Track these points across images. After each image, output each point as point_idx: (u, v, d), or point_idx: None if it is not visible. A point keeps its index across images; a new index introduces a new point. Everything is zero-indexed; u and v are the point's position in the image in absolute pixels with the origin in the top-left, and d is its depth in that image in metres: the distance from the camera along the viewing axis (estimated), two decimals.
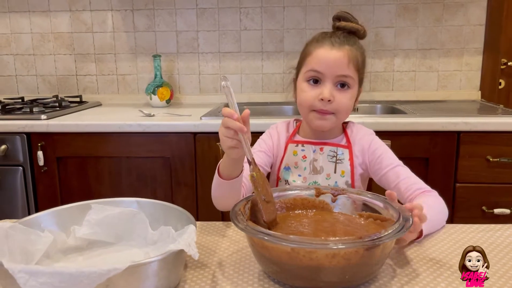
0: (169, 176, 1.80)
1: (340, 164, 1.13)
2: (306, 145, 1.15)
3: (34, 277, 0.61)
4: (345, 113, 1.11)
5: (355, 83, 1.09)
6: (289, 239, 0.68)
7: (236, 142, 0.84)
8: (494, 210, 1.68)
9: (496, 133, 1.66)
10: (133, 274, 0.65)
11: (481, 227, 0.97)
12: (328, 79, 1.06)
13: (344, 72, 1.06)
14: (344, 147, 1.14)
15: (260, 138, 1.22)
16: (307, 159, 1.14)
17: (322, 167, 1.13)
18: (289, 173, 1.16)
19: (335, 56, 1.05)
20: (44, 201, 1.82)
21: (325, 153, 1.14)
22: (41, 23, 2.33)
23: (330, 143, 1.15)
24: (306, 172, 1.14)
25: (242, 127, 0.82)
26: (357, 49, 1.09)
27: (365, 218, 0.86)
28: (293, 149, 1.16)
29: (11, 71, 2.39)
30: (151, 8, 2.27)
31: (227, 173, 0.94)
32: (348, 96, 1.08)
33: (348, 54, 1.06)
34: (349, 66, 1.06)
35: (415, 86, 2.28)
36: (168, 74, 2.33)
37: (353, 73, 1.07)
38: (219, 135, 0.87)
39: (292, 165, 1.15)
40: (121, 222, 0.88)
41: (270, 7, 2.24)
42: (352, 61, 1.06)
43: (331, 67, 1.06)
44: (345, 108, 1.09)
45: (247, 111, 0.84)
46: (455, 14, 2.19)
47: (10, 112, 1.92)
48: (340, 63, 1.05)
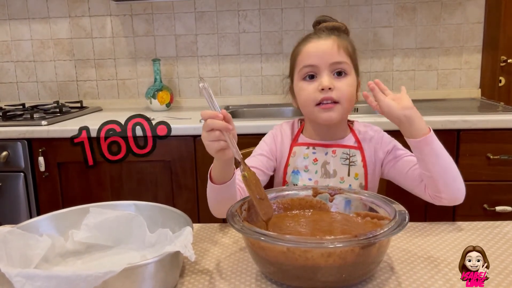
0: (169, 179, 1.80)
1: (353, 166, 1.10)
2: (318, 148, 1.12)
3: (30, 281, 0.61)
4: (349, 102, 1.07)
5: (351, 69, 1.07)
6: (285, 238, 0.68)
7: (223, 143, 0.83)
8: (495, 208, 1.68)
9: (496, 131, 1.66)
10: (130, 277, 0.65)
11: (479, 224, 0.97)
12: (323, 70, 1.05)
13: (337, 59, 1.04)
14: (355, 148, 1.11)
15: (262, 140, 1.19)
16: (318, 162, 1.11)
17: (335, 171, 1.10)
18: (298, 177, 1.11)
19: (324, 45, 1.05)
20: (45, 206, 1.83)
21: (337, 155, 1.10)
22: (41, 30, 2.34)
23: (340, 145, 1.11)
24: (317, 175, 1.11)
25: (227, 126, 0.81)
26: (345, 38, 1.09)
27: (362, 217, 0.86)
28: (304, 151, 1.12)
29: (12, 78, 2.40)
30: (149, 12, 2.28)
31: (219, 177, 0.92)
32: (348, 82, 1.06)
33: (337, 41, 1.06)
34: (339, 53, 1.05)
35: (415, 85, 2.28)
36: (168, 78, 2.34)
37: (346, 59, 1.06)
38: (203, 141, 0.85)
39: (302, 169, 1.11)
40: (119, 225, 0.88)
41: (268, 9, 2.25)
42: (342, 47, 1.05)
43: (322, 56, 1.04)
44: (348, 95, 1.05)
45: (224, 111, 0.83)
46: (454, 12, 2.18)
47: (11, 119, 1.93)
48: (330, 51, 1.04)
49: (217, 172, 0.92)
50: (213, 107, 0.82)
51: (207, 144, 0.84)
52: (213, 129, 0.82)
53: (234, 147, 0.83)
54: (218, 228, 1.00)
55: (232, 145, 0.83)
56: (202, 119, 0.83)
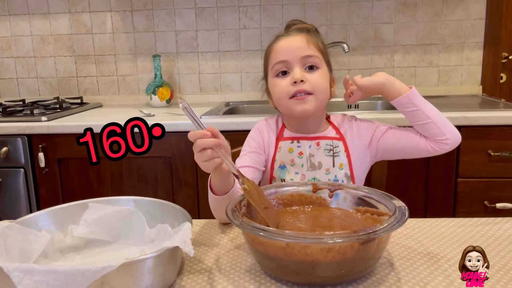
0: (170, 176, 1.80)
1: (337, 157, 1.11)
2: (302, 141, 1.13)
3: (28, 275, 0.61)
4: (324, 93, 1.09)
5: (322, 63, 1.09)
6: (284, 234, 0.68)
7: (217, 160, 0.82)
8: (496, 204, 1.67)
9: (497, 127, 1.65)
10: (128, 272, 0.65)
11: (480, 221, 0.97)
12: (294, 64, 1.07)
13: (307, 53, 1.07)
14: (337, 140, 1.13)
15: (249, 137, 1.18)
16: (303, 155, 1.12)
17: (320, 163, 1.11)
18: (285, 171, 1.12)
19: (293, 41, 1.09)
20: (46, 202, 1.83)
21: (321, 147, 1.12)
22: (41, 26, 2.34)
23: (323, 137, 1.13)
24: (303, 169, 1.12)
25: (217, 142, 0.81)
26: (315, 36, 1.12)
27: (362, 213, 0.86)
28: (288, 146, 1.13)
29: (12, 74, 2.40)
30: (150, 8, 2.28)
31: (220, 188, 0.91)
32: (319, 74, 1.08)
33: (306, 37, 1.09)
34: (310, 47, 1.07)
35: (416, 82, 2.27)
36: (168, 74, 2.34)
37: (316, 53, 1.08)
38: (197, 162, 0.84)
39: (288, 163, 1.12)
40: (118, 220, 0.88)
41: (269, 5, 2.24)
42: (312, 42, 1.08)
43: (292, 51, 1.07)
44: (321, 87, 1.08)
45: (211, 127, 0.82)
46: (455, 8, 2.18)
47: (11, 114, 1.93)
48: (300, 45, 1.07)
49: (217, 184, 0.91)
50: (198, 126, 0.82)
51: (202, 165, 0.84)
52: (204, 148, 0.81)
53: (229, 162, 0.83)
54: (218, 224, 0.99)
55: (227, 160, 0.82)
56: (192, 140, 0.82)
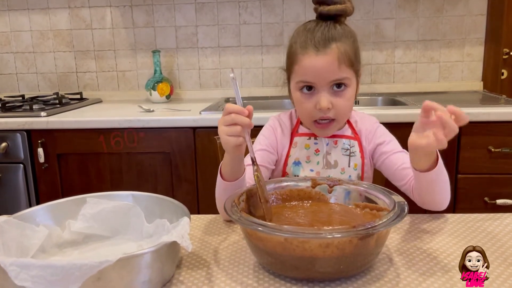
0: (169, 171, 1.80)
1: (353, 157, 1.09)
2: (319, 138, 1.10)
3: (25, 270, 0.60)
4: (347, 115, 1.07)
5: (351, 81, 1.01)
6: (282, 229, 0.67)
7: (241, 139, 0.81)
8: (496, 200, 1.67)
9: (497, 123, 1.65)
10: (126, 266, 0.65)
11: (480, 216, 0.96)
12: (321, 87, 0.99)
13: (336, 77, 0.98)
14: (353, 139, 1.10)
15: (261, 134, 1.15)
16: (320, 153, 1.10)
17: (336, 161, 1.09)
18: (300, 168, 1.10)
19: (323, 63, 0.97)
20: (45, 198, 1.83)
21: (339, 146, 1.10)
22: (40, 21, 2.33)
23: (341, 135, 1.10)
24: (319, 166, 1.09)
25: (250, 124, 0.79)
26: (346, 41, 0.99)
27: (361, 208, 0.85)
28: (305, 142, 1.10)
29: (12, 69, 2.40)
30: (149, 3, 2.27)
31: (231, 174, 0.90)
32: (347, 97, 1.01)
33: (337, 54, 0.97)
34: (340, 68, 0.97)
35: (417, 78, 2.26)
36: (168, 70, 2.33)
37: (347, 73, 0.99)
38: (221, 135, 0.82)
39: (304, 160, 1.10)
40: (116, 215, 0.87)
41: (269, 1, 2.23)
42: (343, 60, 0.97)
43: (321, 75, 0.98)
44: (345, 111, 1.04)
45: (251, 106, 0.81)
46: (456, 4, 2.16)
47: (11, 110, 1.93)
48: (329, 68, 0.97)
49: (228, 169, 0.90)
50: (238, 101, 0.81)
51: (225, 139, 0.82)
52: (236, 124, 0.80)
53: (251, 145, 0.82)
54: (216, 219, 0.99)
55: (249, 143, 0.82)
56: (226, 112, 0.81)
